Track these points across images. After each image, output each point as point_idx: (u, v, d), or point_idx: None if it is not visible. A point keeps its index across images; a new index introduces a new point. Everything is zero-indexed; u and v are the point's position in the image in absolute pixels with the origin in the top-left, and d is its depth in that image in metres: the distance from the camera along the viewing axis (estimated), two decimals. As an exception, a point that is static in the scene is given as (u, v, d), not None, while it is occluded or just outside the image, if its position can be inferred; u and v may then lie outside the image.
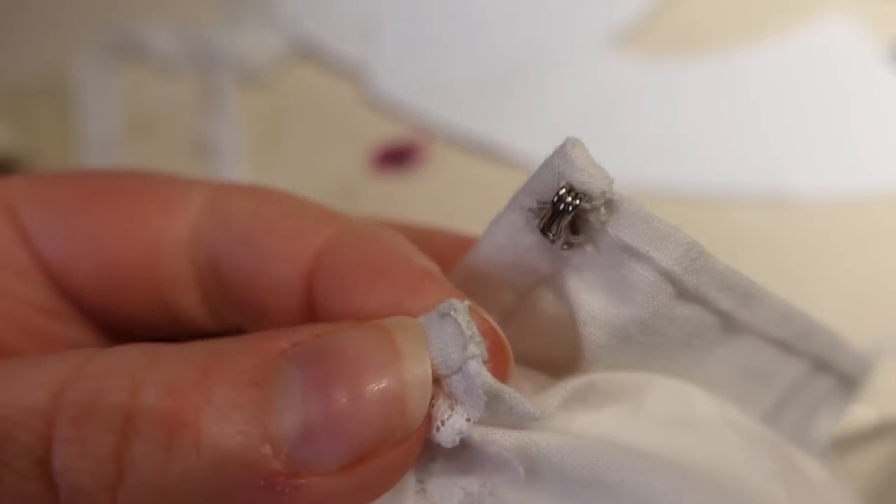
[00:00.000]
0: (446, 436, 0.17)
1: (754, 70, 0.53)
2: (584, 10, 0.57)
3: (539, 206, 0.18)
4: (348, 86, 0.55)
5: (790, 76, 0.52)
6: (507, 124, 0.51)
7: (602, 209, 0.17)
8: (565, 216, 0.17)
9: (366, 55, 0.55)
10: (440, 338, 0.16)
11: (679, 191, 0.48)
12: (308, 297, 0.19)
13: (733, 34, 0.54)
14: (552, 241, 0.18)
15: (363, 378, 0.16)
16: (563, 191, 0.17)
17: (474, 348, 0.16)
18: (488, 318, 0.18)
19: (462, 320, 0.16)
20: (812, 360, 0.23)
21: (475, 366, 0.16)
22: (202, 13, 0.58)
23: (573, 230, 0.18)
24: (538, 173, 0.18)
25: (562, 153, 0.17)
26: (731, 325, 0.20)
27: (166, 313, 0.21)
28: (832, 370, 0.24)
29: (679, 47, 0.54)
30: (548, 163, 0.17)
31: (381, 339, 0.16)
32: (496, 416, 0.17)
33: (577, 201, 0.17)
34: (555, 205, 0.17)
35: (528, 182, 0.18)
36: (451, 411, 0.17)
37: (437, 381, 0.16)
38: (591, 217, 0.17)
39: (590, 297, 0.18)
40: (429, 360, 0.16)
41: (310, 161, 0.52)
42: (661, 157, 0.50)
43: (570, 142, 0.17)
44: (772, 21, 0.55)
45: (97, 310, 0.21)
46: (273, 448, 0.15)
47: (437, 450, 0.17)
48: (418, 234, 0.23)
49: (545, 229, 0.18)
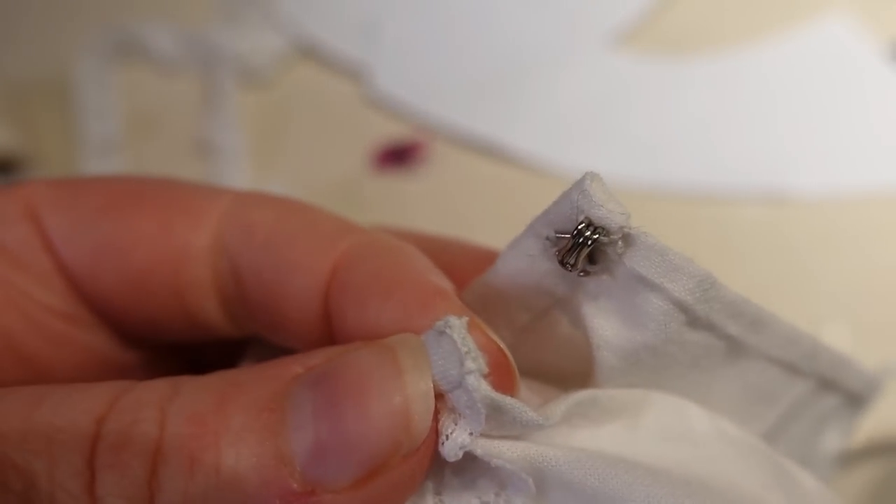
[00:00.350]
0: (449, 449, 0.17)
1: (756, 69, 0.53)
2: (585, 9, 0.57)
3: (557, 235, 0.18)
4: (349, 85, 0.55)
5: (792, 75, 0.53)
6: (508, 123, 0.51)
7: (619, 242, 0.18)
8: (584, 248, 0.18)
9: (367, 54, 0.55)
10: (439, 355, 0.17)
11: (681, 189, 0.48)
12: (325, 308, 0.20)
13: (735, 33, 0.54)
14: (570, 271, 0.18)
15: (368, 395, 0.16)
16: (583, 225, 0.18)
17: (471, 364, 0.16)
18: (490, 334, 0.18)
19: (457, 336, 0.17)
20: (817, 379, 0.23)
21: (473, 380, 0.16)
22: (203, 13, 0.58)
23: (590, 260, 0.18)
24: (557, 205, 0.18)
25: (580, 188, 0.18)
26: (738, 349, 0.21)
27: (186, 319, 0.21)
28: (838, 388, 0.24)
29: (681, 46, 0.54)
30: (566, 195, 0.18)
31: (385, 356, 0.17)
32: (501, 427, 0.17)
33: (596, 236, 0.18)
34: (574, 237, 0.18)
35: (546, 212, 0.19)
36: (455, 425, 0.17)
37: (441, 396, 0.17)
38: (609, 249, 0.18)
39: (604, 323, 0.19)
40: (430, 374, 0.17)
41: (311, 160, 0.52)
42: (662, 155, 0.50)
43: (588, 177, 0.18)
44: (773, 20, 0.55)
45: (117, 315, 0.21)
46: (287, 468, 0.16)
47: (454, 463, 0.18)
48: (432, 245, 0.23)
49: (563, 260, 0.18)
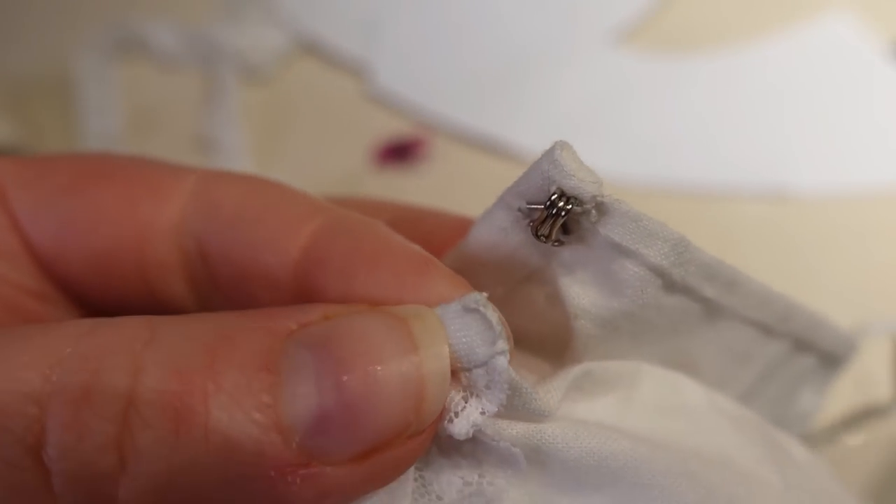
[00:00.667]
0: (460, 428, 0.16)
1: (758, 67, 0.53)
2: (588, 6, 0.56)
3: (529, 207, 0.18)
4: (351, 81, 0.55)
5: (794, 72, 0.52)
6: (509, 120, 0.51)
7: (593, 211, 0.17)
8: (558, 219, 0.17)
9: (368, 50, 0.55)
10: (464, 332, 0.16)
11: (683, 186, 0.48)
12: (298, 287, 0.19)
13: (737, 31, 0.54)
14: (544, 242, 0.18)
15: (381, 369, 0.15)
16: (555, 196, 0.17)
17: (503, 344, 0.16)
18: (498, 311, 0.18)
19: (491, 315, 0.16)
20: (792, 340, 0.23)
21: (503, 361, 0.16)
22: (204, 9, 0.58)
23: (564, 230, 0.18)
24: (527, 176, 0.18)
25: (550, 158, 0.17)
26: (714, 311, 0.20)
27: (154, 299, 0.21)
28: (813, 349, 0.24)
29: (682, 44, 0.54)
30: (536, 166, 0.18)
31: (398, 328, 0.16)
32: (509, 409, 0.17)
33: (570, 206, 0.17)
34: (547, 208, 0.17)
35: (516, 183, 0.18)
36: (465, 403, 0.16)
37: (452, 373, 0.16)
38: (582, 219, 0.18)
39: (580, 291, 0.19)
40: (447, 353, 0.16)
41: (312, 156, 0.52)
42: (664, 153, 0.50)
43: (558, 146, 0.17)
44: (775, 17, 0.55)
45: (85, 294, 0.21)
46: (284, 437, 0.15)
47: (435, 439, 0.17)
48: (408, 215, 0.23)
49: (537, 232, 0.18)
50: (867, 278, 0.44)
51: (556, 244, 0.18)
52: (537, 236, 0.18)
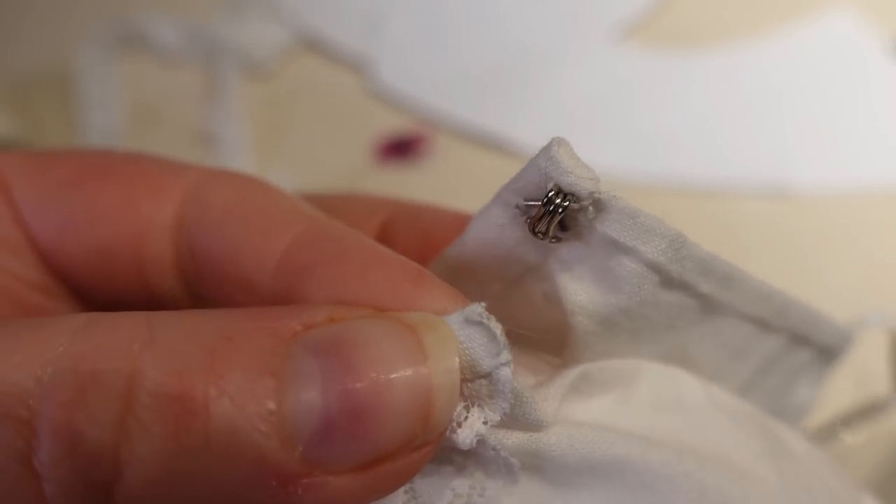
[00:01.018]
0: (465, 437, 0.16)
1: (760, 64, 0.53)
2: (589, 3, 0.56)
3: (526, 203, 0.18)
4: (353, 77, 0.55)
5: (795, 70, 0.52)
6: (511, 116, 0.51)
7: (590, 208, 0.17)
8: (555, 216, 0.17)
9: (370, 47, 0.55)
10: (467, 343, 0.16)
11: (684, 183, 0.48)
12: (279, 292, 0.18)
13: (738, 28, 0.54)
14: (541, 238, 0.18)
15: (390, 379, 0.15)
16: (552, 193, 0.17)
17: (507, 355, 0.16)
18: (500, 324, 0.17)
19: (494, 327, 0.16)
20: (789, 335, 0.23)
21: (507, 373, 0.16)
22: (206, 4, 0.58)
23: (561, 227, 0.18)
24: (524, 172, 0.18)
25: (547, 154, 0.17)
26: (711, 307, 0.20)
27: (150, 294, 0.21)
28: (810, 343, 0.24)
29: (684, 41, 0.54)
30: (533, 163, 0.18)
31: (408, 336, 0.15)
32: (509, 418, 0.17)
33: (567, 203, 0.17)
34: (544, 205, 0.17)
35: (513, 180, 0.18)
36: (468, 413, 0.16)
37: None
38: (580, 215, 0.18)
39: (577, 288, 0.19)
40: (458, 366, 0.16)
41: (314, 152, 0.52)
42: (665, 150, 0.50)
43: (555, 142, 0.17)
44: (777, 15, 0.55)
45: (84, 287, 0.21)
46: (288, 445, 0.14)
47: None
48: (407, 210, 0.23)
49: (534, 228, 0.18)
50: (868, 275, 0.44)
51: (553, 241, 0.18)
52: (534, 233, 0.18)
